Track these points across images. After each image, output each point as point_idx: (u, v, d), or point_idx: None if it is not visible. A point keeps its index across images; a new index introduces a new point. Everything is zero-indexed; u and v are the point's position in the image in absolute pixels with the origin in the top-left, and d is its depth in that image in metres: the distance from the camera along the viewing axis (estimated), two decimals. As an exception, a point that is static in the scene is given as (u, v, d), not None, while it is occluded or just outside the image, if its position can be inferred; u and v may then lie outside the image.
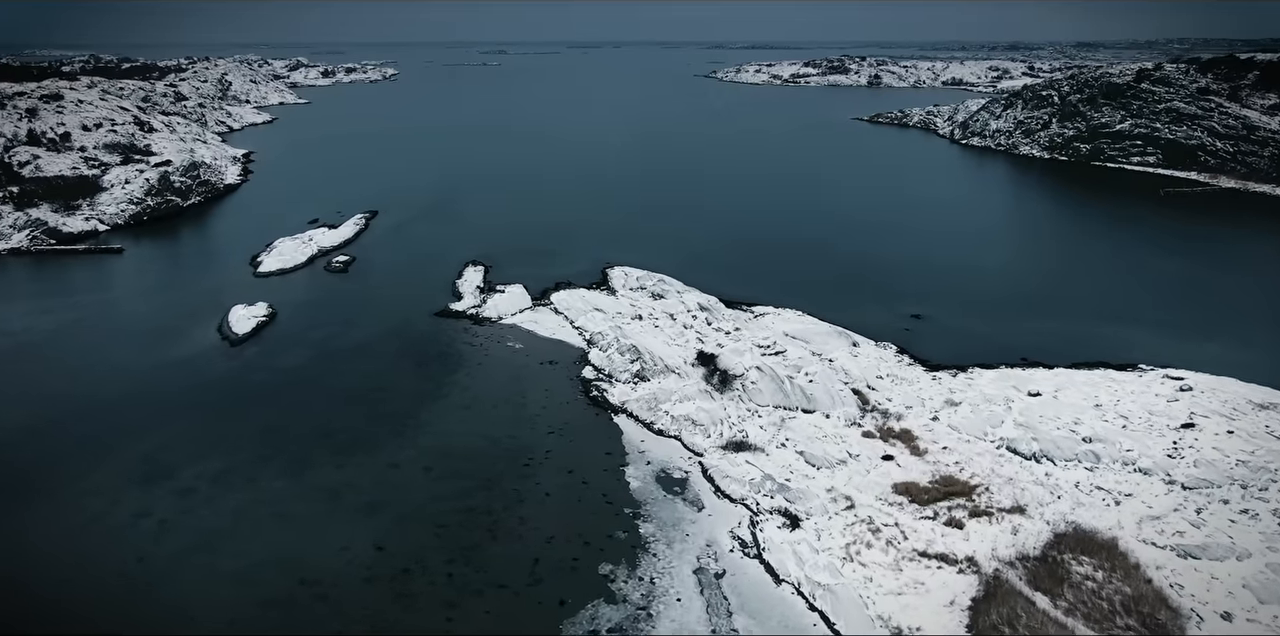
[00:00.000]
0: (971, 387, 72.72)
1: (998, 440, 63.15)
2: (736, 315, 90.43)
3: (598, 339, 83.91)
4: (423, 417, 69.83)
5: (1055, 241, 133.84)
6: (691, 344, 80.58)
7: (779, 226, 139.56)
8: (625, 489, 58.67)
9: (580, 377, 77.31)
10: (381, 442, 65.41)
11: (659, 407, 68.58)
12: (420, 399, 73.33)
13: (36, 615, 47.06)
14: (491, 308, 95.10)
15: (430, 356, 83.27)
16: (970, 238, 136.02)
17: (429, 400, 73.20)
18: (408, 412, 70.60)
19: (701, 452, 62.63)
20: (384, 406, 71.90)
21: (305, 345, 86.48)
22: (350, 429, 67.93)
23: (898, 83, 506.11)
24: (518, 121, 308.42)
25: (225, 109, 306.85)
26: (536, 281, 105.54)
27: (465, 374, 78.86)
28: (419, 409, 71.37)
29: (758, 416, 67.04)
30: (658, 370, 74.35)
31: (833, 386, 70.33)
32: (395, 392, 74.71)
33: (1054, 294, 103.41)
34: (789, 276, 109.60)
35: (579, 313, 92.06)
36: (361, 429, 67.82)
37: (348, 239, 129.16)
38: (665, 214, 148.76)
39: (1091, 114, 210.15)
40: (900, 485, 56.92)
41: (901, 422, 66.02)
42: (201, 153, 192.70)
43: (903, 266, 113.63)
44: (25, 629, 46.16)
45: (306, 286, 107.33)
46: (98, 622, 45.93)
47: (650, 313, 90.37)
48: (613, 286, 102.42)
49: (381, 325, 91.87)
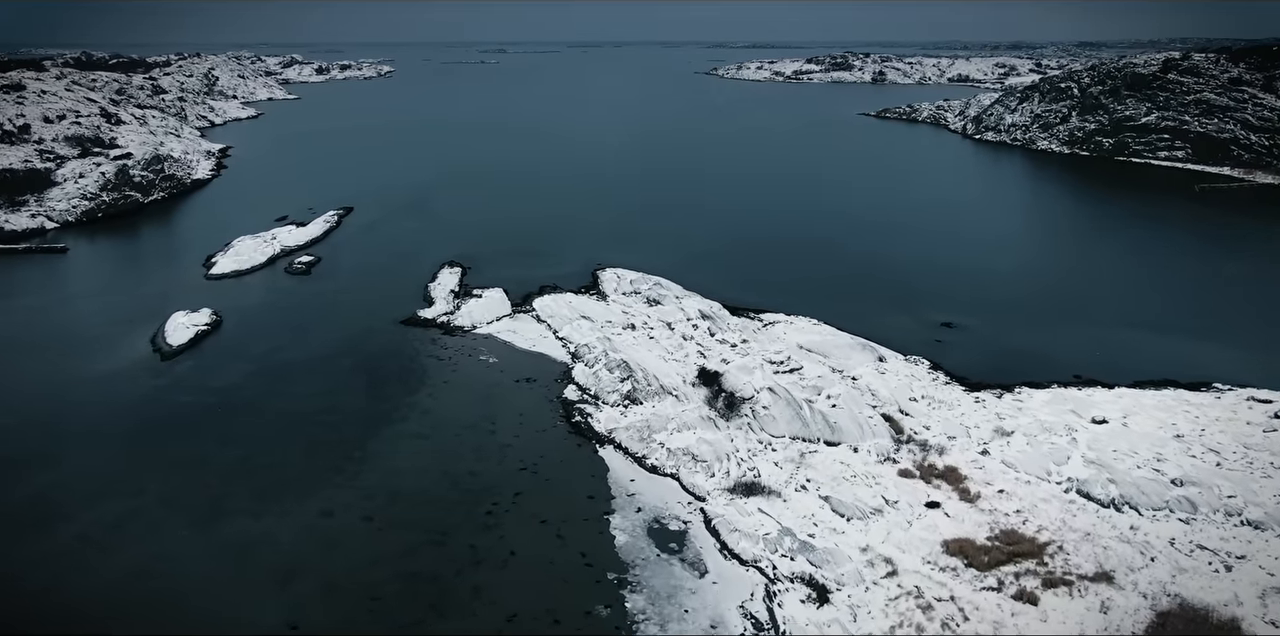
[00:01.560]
0: (1023, 412, 61.42)
1: (1065, 481, 51.85)
2: (743, 324, 79.17)
3: (583, 352, 72.63)
4: (370, 449, 58.51)
5: (1088, 242, 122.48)
6: (692, 359, 69.33)
7: (787, 225, 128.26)
8: (610, 545, 47.36)
9: (561, 399, 66.02)
10: (316, 482, 54.10)
11: (653, 438, 57.29)
12: (371, 425, 62.04)
13: None
14: (465, 315, 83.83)
15: (389, 372, 71.97)
16: (995, 238, 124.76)
17: (381, 427, 61.89)
18: (353, 443, 59.28)
19: (704, 496, 51.36)
20: (326, 435, 60.59)
21: (246, 358, 75.21)
22: (282, 464, 56.62)
23: (902, 79, 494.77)
24: (512, 117, 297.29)
25: (208, 103, 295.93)
26: (519, 285, 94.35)
27: (427, 394, 67.55)
28: (368, 438, 60.06)
29: (771, 450, 55.74)
30: (652, 391, 63.06)
31: (860, 412, 59.06)
32: (342, 417, 63.41)
33: (1097, 299, 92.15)
34: (800, 280, 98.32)
35: (564, 321, 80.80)
36: (295, 464, 56.52)
37: (315, 238, 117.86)
38: (663, 212, 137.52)
39: (1114, 106, 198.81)
40: (952, 543, 45.63)
41: (945, 457, 54.72)
42: (172, 146, 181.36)
43: (925, 269, 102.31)
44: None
45: (261, 290, 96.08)
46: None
47: (645, 321, 79.10)
48: (603, 291, 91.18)
49: (338, 335, 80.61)
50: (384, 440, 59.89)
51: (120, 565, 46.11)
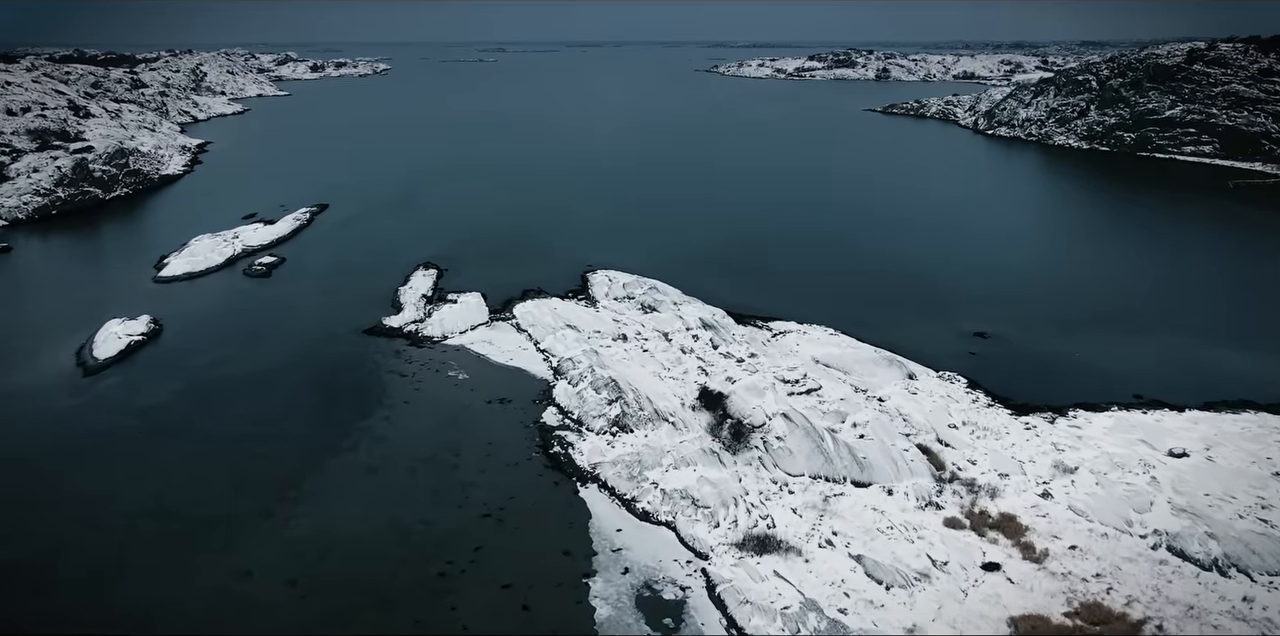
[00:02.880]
0: (1085, 442, 51.84)
1: (1150, 534, 42.28)
2: (750, 334, 69.56)
3: (567, 367, 63.07)
4: (308, 487, 48.92)
5: (1122, 241, 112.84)
6: (691, 376, 59.75)
7: (795, 224, 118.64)
8: (588, 620, 37.81)
9: (539, 424, 56.43)
10: (237, 531, 44.55)
11: (644, 476, 47.73)
12: (313, 456, 52.47)
13: None
14: (436, 323, 74.25)
15: (343, 390, 62.36)
16: (1020, 237, 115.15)
17: (325, 457, 52.33)
18: (289, 479, 49.72)
19: (706, 553, 41.80)
20: (259, 468, 51.03)
21: (182, 373, 65.64)
22: (200, 505, 47.07)
23: (907, 76, 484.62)
24: (506, 113, 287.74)
25: (192, 98, 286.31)
26: (500, 288, 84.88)
27: (384, 417, 57.98)
28: (307, 472, 50.50)
29: (788, 492, 46.16)
30: (644, 416, 53.48)
31: (893, 444, 49.49)
32: (281, 446, 53.85)
33: (1144, 306, 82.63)
34: (812, 284, 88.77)
35: (546, 330, 71.22)
36: (216, 505, 46.95)
37: (282, 237, 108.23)
38: (661, 209, 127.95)
39: (1136, 99, 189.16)
40: (1022, 620, 36.09)
41: (999, 501, 45.17)
42: (142, 141, 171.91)
43: (948, 271, 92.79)
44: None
45: (213, 294, 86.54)
46: None
47: (638, 331, 69.52)
48: (593, 295, 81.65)
49: (290, 346, 71.06)
50: (326, 475, 50.31)
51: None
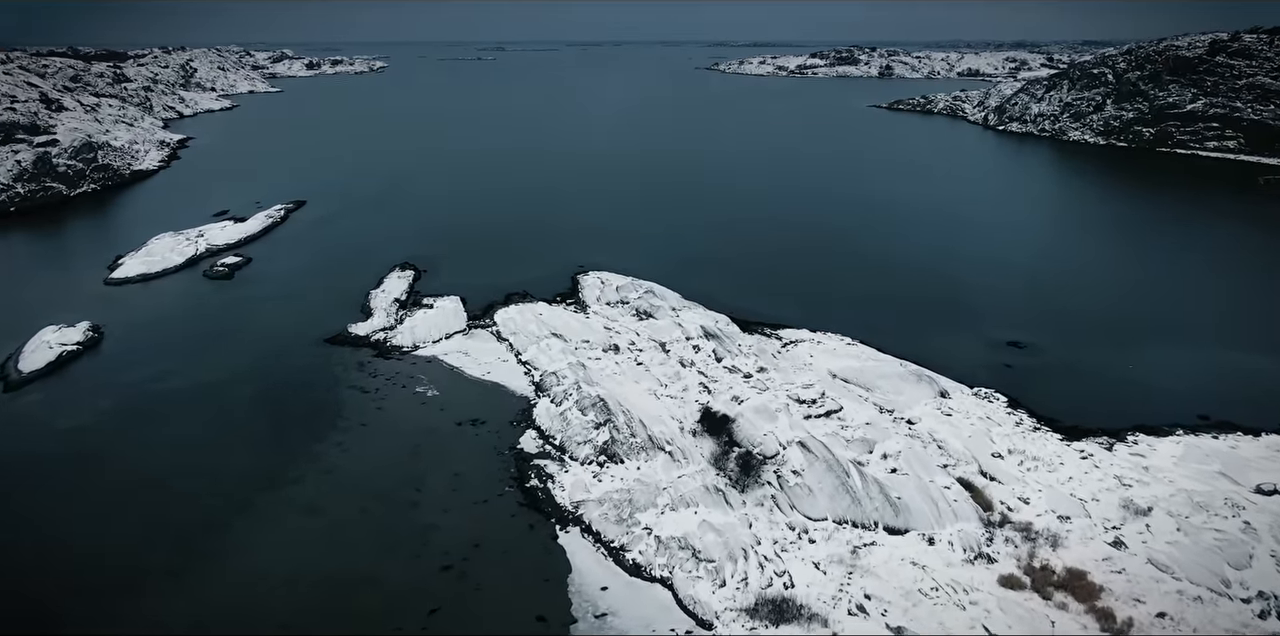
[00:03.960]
0: (1153, 475, 44.13)
1: (1254, 597, 34.59)
2: (758, 344, 61.80)
3: (550, 383, 55.36)
4: (234, 535, 41.09)
5: (1156, 242, 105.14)
6: (692, 394, 52.04)
7: (803, 222, 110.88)
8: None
9: (515, 451, 48.72)
10: (135, 596, 36.74)
11: (636, 519, 40.02)
12: (248, 492, 44.74)
13: None
14: (406, 331, 66.54)
15: (294, 410, 54.68)
16: (1046, 237, 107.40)
17: (261, 493, 44.61)
18: (214, 523, 41.96)
19: (710, 621, 34.11)
20: (180, 509, 43.30)
21: (115, 389, 57.97)
22: (97, 558, 39.31)
23: (910, 73, 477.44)
24: (500, 109, 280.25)
25: (178, 94, 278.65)
26: (481, 292, 77.28)
27: (336, 443, 50.25)
28: (236, 515, 42.76)
29: (808, 541, 38.44)
30: (637, 443, 45.75)
31: (931, 479, 41.76)
32: (212, 480, 46.12)
33: (1191, 313, 74.95)
34: (824, 287, 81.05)
35: (529, 340, 63.50)
36: (116, 560, 39.20)
37: (252, 235, 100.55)
38: (659, 206, 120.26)
39: (1155, 93, 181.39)
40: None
41: (1062, 552, 37.48)
42: (117, 135, 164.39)
43: (972, 273, 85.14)
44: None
45: (167, 298, 78.85)
46: None
47: (631, 341, 61.78)
48: (583, 299, 73.96)
49: (242, 357, 63.35)
50: (259, 517, 42.57)
51: None
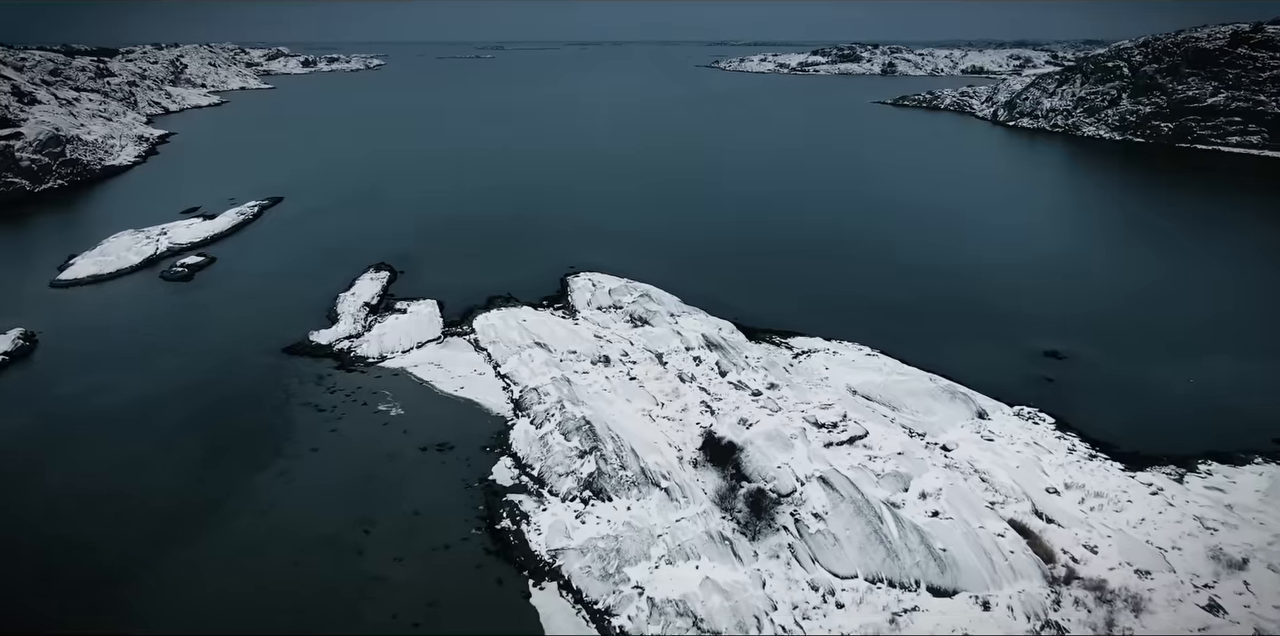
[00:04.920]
0: (1238, 515, 37.23)
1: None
2: (766, 355, 54.87)
3: (531, 401, 48.44)
4: (131, 596, 34.19)
5: (1191, 241, 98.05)
6: (692, 415, 45.13)
7: (810, 220, 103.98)
8: None
9: (486, 483, 41.80)
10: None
11: (624, 575, 33.11)
12: (159, 543, 37.80)
13: None
14: (374, 340, 59.60)
15: (238, 433, 47.75)
16: (1076, 236, 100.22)
17: (175, 543, 37.69)
18: (107, 581, 35.06)
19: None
20: (81, 554, 36.44)
21: (38, 405, 51.07)
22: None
23: (914, 71, 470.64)
24: (496, 106, 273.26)
25: (166, 90, 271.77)
26: (461, 294, 70.40)
27: (279, 473, 43.32)
28: (149, 562, 35.89)
29: (835, 605, 31.52)
30: (627, 477, 38.84)
31: (980, 524, 34.85)
32: (120, 523, 39.12)
33: (1242, 319, 67.94)
34: (837, 291, 74.05)
35: (510, 349, 56.57)
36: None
37: (219, 233, 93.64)
38: (658, 202, 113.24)
39: (1174, 87, 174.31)
40: None
41: (1146, 619, 30.58)
42: (92, 129, 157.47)
43: (999, 274, 78.23)
44: None
45: (116, 301, 71.94)
46: None
47: (624, 352, 54.83)
48: (572, 303, 67.02)
49: (189, 369, 56.44)
50: (165, 574, 35.54)
51: None
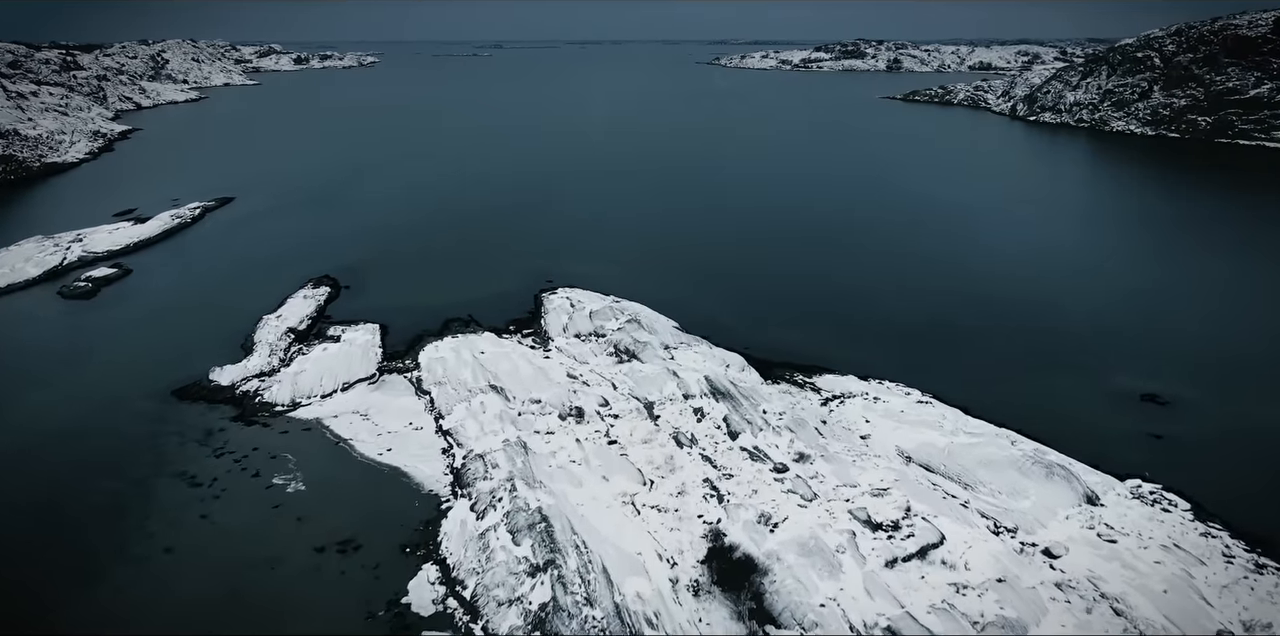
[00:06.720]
0: None
1: None
2: (791, 407, 42.12)
3: (474, 474, 35.79)
4: None
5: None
6: (692, 505, 32.45)
7: (825, 227, 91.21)
8: None
9: (395, 611, 29.03)
10: None
11: None
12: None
13: None
14: (288, 380, 46.93)
15: (69, 523, 34.99)
16: (1133, 247, 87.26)
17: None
18: None
19: None
20: None
21: None
22: None
23: (920, 67, 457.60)
24: (487, 103, 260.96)
25: (140, 85, 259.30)
26: (413, 316, 57.93)
27: (112, 591, 30.53)
28: None
29: None
30: (596, 620, 26.12)
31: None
32: None
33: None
34: (866, 313, 61.12)
35: (459, 395, 43.88)
36: None
37: (146, 239, 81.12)
38: (654, 210, 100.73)
39: (1211, 78, 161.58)
40: None
41: None
42: (41, 124, 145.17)
43: (1053, 294, 65.34)
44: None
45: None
46: None
47: (604, 400, 42.11)
48: (545, 329, 54.39)
49: (54, 414, 43.87)
50: None
51: None
